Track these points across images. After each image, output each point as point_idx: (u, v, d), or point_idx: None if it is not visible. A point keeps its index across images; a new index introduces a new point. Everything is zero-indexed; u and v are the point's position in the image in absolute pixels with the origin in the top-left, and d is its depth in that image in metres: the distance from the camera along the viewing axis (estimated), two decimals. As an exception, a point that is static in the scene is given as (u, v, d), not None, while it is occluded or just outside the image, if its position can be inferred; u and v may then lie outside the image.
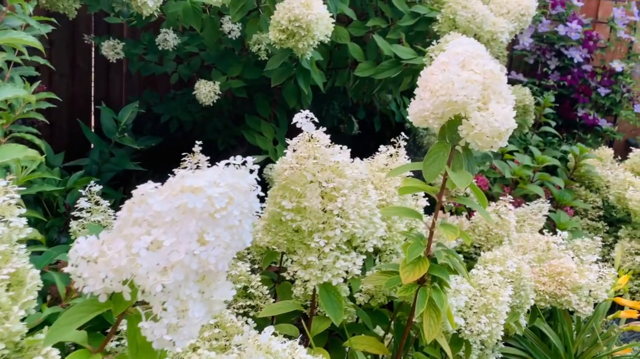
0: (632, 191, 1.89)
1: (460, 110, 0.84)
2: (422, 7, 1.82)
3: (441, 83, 0.84)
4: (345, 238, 0.77)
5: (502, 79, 0.87)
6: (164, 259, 0.49)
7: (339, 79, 1.91)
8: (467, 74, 0.85)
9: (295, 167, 0.74)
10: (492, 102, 0.85)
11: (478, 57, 0.87)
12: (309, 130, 0.76)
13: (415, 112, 0.87)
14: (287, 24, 1.45)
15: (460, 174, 0.83)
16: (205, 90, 1.77)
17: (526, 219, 1.80)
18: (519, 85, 2.45)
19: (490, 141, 0.83)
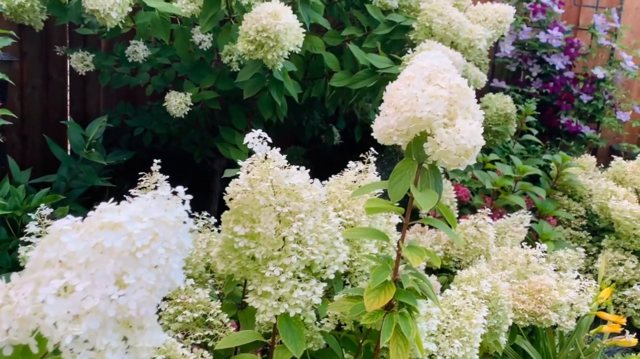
0: (615, 200, 1.86)
1: (425, 127, 0.80)
2: (398, 16, 1.78)
3: (405, 98, 0.80)
4: (303, 265, 0.72)
5: (469, 93, 0.83)
6: (75, 306, 0.43)
7: (315, 90, 1.87)
8: (432, 88, 0.80)
9: (248, 191, 0.69)
10: (459, 118, 0.80)
11: (444, 72, 0.83)
12: (261, 151, 0.71)
13: (379, 129, 0.82)
14: (255, 35, 1.40)
15: (426, 194, 0.79)
16: (176, 102, 1.71)
17: (507, 230, 1.76)
18: (500, 93, 2.43)
19: (457, 159, 0.78)
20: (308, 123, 2.60)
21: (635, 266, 1.82)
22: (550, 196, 2.14)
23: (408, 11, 1.85)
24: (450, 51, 1.57)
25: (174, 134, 2.33)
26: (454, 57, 1.56)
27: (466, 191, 2.03)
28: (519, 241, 1.76)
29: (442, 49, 1.57)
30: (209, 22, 1.57)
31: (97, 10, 1.36)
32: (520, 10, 2.82)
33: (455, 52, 1.57)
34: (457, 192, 2.01)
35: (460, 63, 1.57)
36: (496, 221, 1.81)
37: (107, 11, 1.36)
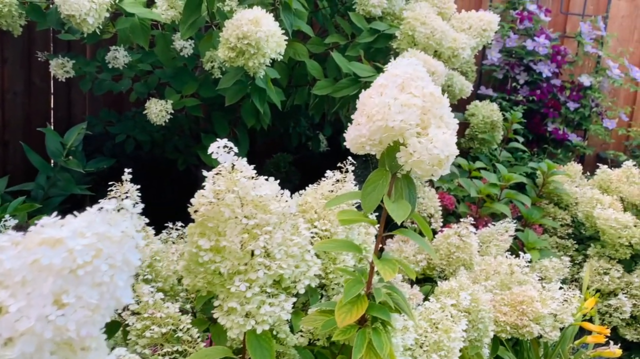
0: (600, 209, 1.85)
1: (398, 136, 0.78)
2: (381, 24, 1.77)
3: (377, 107, 0.78)
4: (271, 280, 0.69)
5: (443, 102, 0.81)
6: (8, 327, 0.41)
7: (298, 97, 1.85)
8: (405, 97, 0.78)
9: (213, 203, 0.67)
10: (432, 127, 0.78)
11: (418, 80, 0.81)
12: (226, 161, 0.69)
13: (351, 138, 0.81)
14: (235, 42, 1.38)
15: (400, 205, 0.77)
16: (156, 109, 1.69)
17: (492, 239, 1.75)
18: (487, 100, 2.42)
19: (430, 169, 0.76)
20: (294, 130, 2.58)
21: (621, 275, 1.81)
22: (537, 204, 2.13)
23: (392, 19, 1.84)
24: (433, 60, 1.56)
25: (158, 141, 2.30)
26: (436, 66, 1.55)
27: (452, 199, 2.01)
28: (503, 249, 1.74)
29: (424, 58, 1.56)
30: (189, 29, 1.55)
31: (72, 16, 1.34)
32: (507, 17, 2.83)
33: (438, 62, 1.56)
34: (443, 201, 1.99)
35: (443, 72, 1.56)
36: (481, 230, 1.80)
37: (83, 16, 1.34)
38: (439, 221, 1.77)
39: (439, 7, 1.84)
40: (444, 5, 1.84)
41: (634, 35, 2.96)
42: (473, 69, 2.78)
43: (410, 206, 0.77)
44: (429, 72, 1.55)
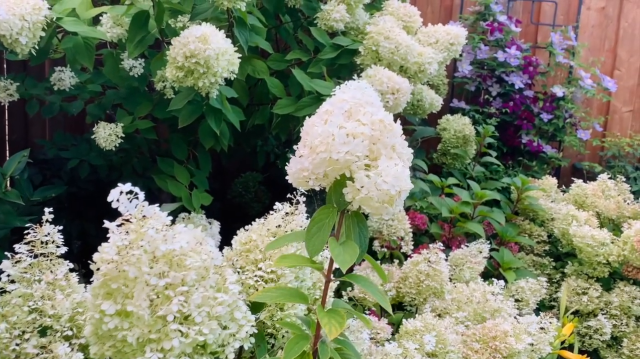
0: (576, 226, 1.78)
1: (344, 169, 0.69)
2: (344, 39, 1.69)
3: (321, 137, 0.69)
4: (190, 348, 0.59)
5: (395, 130, 0.72)
6: None
7: (259, 117, 1.75)
8: (351, 125, 0.69)
9: (116, 260, 0.57)
10: (382, 159, 0.69)
11: (367, 105, 0.72)
12: (129, 210, 0.59)
13: (293, 172, 0.71)
14: (183, 61, 1.28)
15: (347, 248, 0.67)
16: (105, 134, 1.58)
17: (466, 261, 1.67)
18: (458, 114, 2.36)
19: (380, 206, 0.67)
20: (262, 148, 2.48)
21: (600, 294, 1.74)
22: (512, 221, 2.06)
23: (356, 33, 1.76)
24: (397, 77, 1.48)
25: (116, 165, 2.19)
26: (401, 83, 1.47)
27: (424, 218, 1.93)
28: (477, 272, 1.66)
29: (388, 75, 1.48)
30: (137, 47, 1.45)
31: (3, 36, 1.23)
32: (478, 29, 2.78)
33: (402, 79, 1.48)
34: (414, 220, 1.91)
35: (408, 89, 1.48)
36: (454, 251, 1.72)
37: (15, 36, 1.23)
38: (409, 244, 1.69)
39: (405, 21, 1.77)
40: (410, 19, 1.77)
41: (605, 44, 2.94)
42: (445, 81, 2.72)
43: (357, 249, 0.68)
44: (393, 89, 1.48)
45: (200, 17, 1.47)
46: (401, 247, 1.67)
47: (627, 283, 1.77)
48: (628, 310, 1.71)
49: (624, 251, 1.71)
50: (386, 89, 1.47)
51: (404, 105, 1.51)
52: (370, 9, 1.91)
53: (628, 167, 2.77)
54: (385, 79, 1.47)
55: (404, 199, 0.70)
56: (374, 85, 1.48)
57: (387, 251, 1.68)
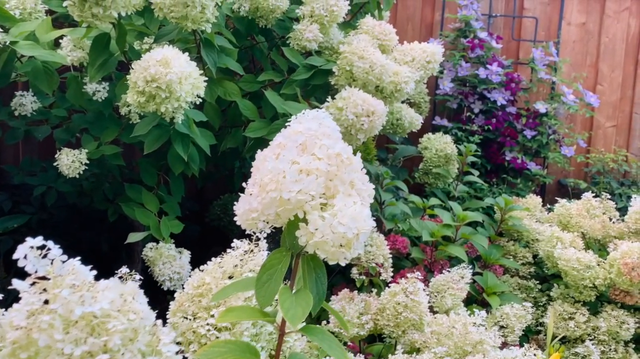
0: (560, 248, 1.73)
1: (296, 210, 0.62)
2: (318, 59, 1.64)
3: (271, 174, 0.63)
4: (115, 422, 0.52)
5: (353, 164, 0.66)
6: None
7: (231, 140, 1.69)
8: (305, 161, 0.63)
9: (25, 327, 0.50)
10: (339, 197, 0.63)
11: (324, 137, 0.66)
12: (39, 269, 0.51)
13: (241, 214, 0.65)
14: (144, 85, 1.22)
15: (299, 299, 0.61)
16: (68, 160, 1.50)
17: (448, 288, 1.60)
18: (439, 133, 2.31)
19: (336, 251, 0.61)
20: (240, 170, 2.42)
21: (587, 319, 1.68)
22: (496, 242, 2.00)
23: (330, 53, 1.71)
24: (372, 99, 1.43)
25: (86, 190, 2.10)
26: (376, 105, 1.42)
27: (405, 242, 1.87)
28: (460, 299, 1.59)
29: (363, 97, 1.43)
30: (99, 71, 1.39)
31: (-50, 62, 1.16)
32: (459, 46, 2.75)
33: (377, 100, 1.43)
34: (395, 244, 1.84)
35: (383, 111, 1.43)
36: (436, 277, 1.65)
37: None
38: (388, 271, 1.62)
39: (380, 39, 1.73)
40: (385, 37, 1.73)
41: (587, 60, 2.93)
42: (426, 99, 2.68)
43: (312, 299, 0.61)
44: (368, 112, 1.42)
45: (165, 39, 1.41)
46: (380, 274, 1.60)
47: (615, 307, 1.72)
48: (616, 335, 1.65)
49: (611, 274, 1.65)
50: (361, 112, 1.42)
51: (379, 127, 1.45)
52: (346, 28, 1.87)
53: (613, 183, 2.74)
54: (359, 101, 1.42)
55: (363, 241, 0.63)
56: (348, 108, 1.43)
57: (365, 279, 1.61)
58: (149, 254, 1.53)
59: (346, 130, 1.44)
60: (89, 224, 2.36)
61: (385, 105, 1.63)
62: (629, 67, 2.91)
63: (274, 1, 1.58)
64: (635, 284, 1.62)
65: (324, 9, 1.63)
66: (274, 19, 1.67)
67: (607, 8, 2.88)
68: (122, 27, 1.33)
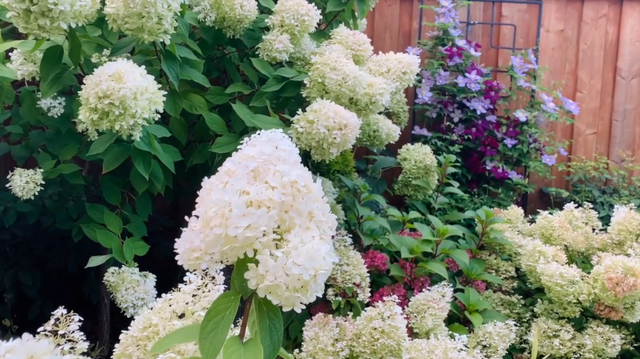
0: (543, 262, 1.67)
1: (245, 248, 0.54)
2: (289, 70, 1.56)
3: (216, 207, 0.55)
4: None
5: (313, 193, 0.58)
6: None
7: (197, 156, 1.60)
8: (256, 190, 0.55)
9: None
10: (294, 231, 0.55)
11: (279, 163, 0.58)
12: None
13: (183, 252, 0.56)
14: (96, 102, 1.13)
15: (249, 353, 0.52)
16: (21, 181, 1.40)
17: (428, 307, 1.53)
18: (418, 143, 2.25)
19: (290, 296, 0.53)
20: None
21: (572, 336, 1.63)
22: (477, 256, 1.94)
23: (302, 64, 1.64)
24: (344, 112, 1.35)
25: (49, 209, 2.00)
26: (348, 118, 1.35)
27: (384, 258, 1.79)
28: (441, 318, 1.53)
29: (335, 109, 1.35)
30: (52, 85, 1.30)
31: None
32: (437, 54, 2.70)
33: (350, 113, 1.36)
34: (374, 260, 1.77)
35: (356, 125, 1.35)
36: (416, 296, 1.58)
37: None
38: (366, 291, 1.55)
39: (354, 49, 1.66)
40: (360, 47, 1.66)
41: (566, 67, 2.90)
42: (405, 109, 2.63)
43: (264, 352, 0.53)
44: (340, 125, 1.35)
45: (122, 51, 1.33)
46: (357, 295, 1.52)
47: (600, 322, 1.66)
48: (602, 352, 1.60)
49: (595, 289, 1.60)
50: (333, 125, 1.35)
51: (352, 141, 1.38)
52: (319, 37, 1.80)
53: (595, 192, 2.71)
54: (331, 114, 1.35)
55: (323, 281, 0.56)
56: (319, 121, 1.36)
57: (342, 300, 1.53)
58: (110, 280, 1.43)
59: (318, 144, 1.37)
60: (55, 244, 2.25)
61: (359, 118, 1.56)
62: (608, 74, 2.90)
63: (241, 10, 1.50)
64: (620, 299, 1.56)
65: (294, 19, 1.56)
66: (242, 29, 1.59)
67: (584, 15, 2.87)
68: (75, 39, 1.24)
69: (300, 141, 1.38)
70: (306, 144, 1.38)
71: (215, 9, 1.54)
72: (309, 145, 1.38)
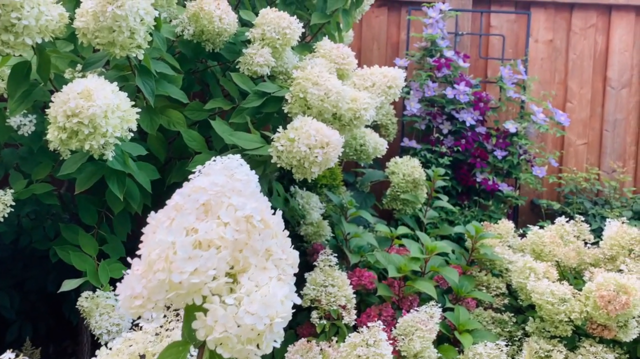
0: (534, 280, 1.62)
1: (192, 295, 0.49)
2: (271, 85, 1.52)
3: (160, 248, 0.50)
4: None
5: (271, 228, 0.53)
6: None
7: (175, 174, 1.55)
8: (205, 228, 0.50)
9: None
10: (248, 273, 0.50)
11: (234, 194, 0.53)
12: None
13: (124, 300, 0.51)
14: (64, 121, 1.08)
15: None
16: (-11, 203, 1.35)
17: (416, 329, 1.48)
18: (407, 156, 2.20)
19: (243, 349, 0.48)
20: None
21: (564, 357, 1.57)
22: (467, 273, 1.89)
23: (285, 78, 1.60)
24: (326, 129, 1.31)
25: (26, 228, 1.94)
26: (330, 136, 1.30)
27: (371, 276, 1.74)
28: (430, 341, 1.47)
29: (316, 126, 1.31)
30: (21, 103, 1.24)
31: None
32: (425, 65, 2.67)
33: (332, 131, 1.31)
34: (361, 279, 1.72)
35: (338, 142, 1.31)
36: (404, 317, 1.53)
37: None
38: (352, 313, 1.49)
39: (338, 63, 1.62)
40: (344, 60, 1.62)
41: (555, 77, 2.88)
42: (394, 121, 2.59)
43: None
44: (322, 143, 1.30)
45: (94, 66, 1.28)
46: (342, 318, 1.47)
47: (593, 341, 1.61)
48: (596, 373, 1.55)
49: (587, 306, 1.55)
50: (314, 143, 1.30)
51: (335, 159, 1.34)
52: (303, 51, 1.76)
53: (586, 203, 2.67)
54: (313, 132, 1.30)
55: (281, 329, 0.50)
56: (300, 139, 1.31)
57: (327, 323, 1.48)
58: (84, 305, 1.37)
59: (299, 163, 1.32)
60: (34, 263, 2.19)
61: (344, 133, 1.52)
62: (598, 84, 2.87)
63: (219, 24, 1.46)
64: (612, 318, 1.52)
65: (275, 32, 1.52)
66: (221, 42, 1.55)
67: (573, 25, 2.85)
68: (44, 54, 1.19)
69: (280, 159, 1.33)
70: (287, 163, 1.33)
71: (194, 22, 1.49)
72: (289, 164, 1.33)
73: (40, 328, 2.31)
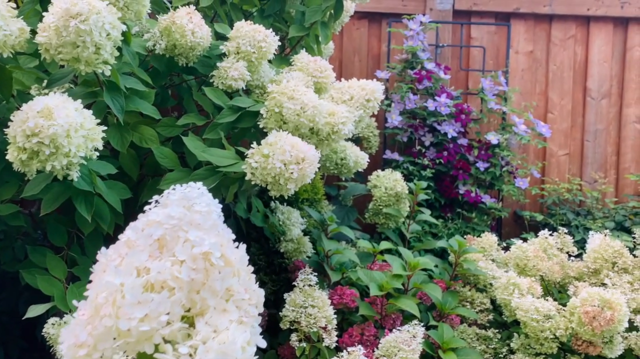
0: (517, 296, 1.59)
1: (143, 343, 0.44)
2: (246, 99, 1.48)
3: (107, 291, 0.45)
4: None
5: (232, 265, 0.49)
6: None
7: (147, 192, 1.49)
8: (158, 267, 0.46)
9: None
10: (206, 317, 0.46)
11: (192, 228, 0.49)
12: None
13: (67, 348, 0.46)
14: (24, 140, 1.02)
15: None
16: (-51, 226, 1.28)
17: (399, 350, 1.43)
18: (389, 170, 2.17)
19: (197, 403, 0.43)
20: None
21: (551, 375, 1.54)
22: (451, 288, 1.86)
23: (261, 92, 1.56)
24: (302, 144, 1.27)
25: (-7, 250, 1.85)
26: (306, 151, 1.26)
27: (353, 294, 1.70)
28: (413, 362, 1.43)
29: (292, 142, 1.27)
30: (-19, 121, 1.18)
31: None
32: (406, 77, 2.65)
33: (309, 146, 1.27)
34: (343, 298, 1.67)
35: (314, 158, 1.27)
36: (386, 337, 1.48)
37: None
38: (332, 335, 1.44)
39: (316, 76, 1.59)
40: (321, 74, 1.59)
41: (536, 88, 2.88)
42: (375, 133, 2.56)
43: None
44: (297, 159, 1.26)
45: (61, 82, 1.23)
46: (322, 340, 1.42)
47: (579, 358, 1.58)
48: (582, 391, 1.52)
49: (572, 323, 1.52)
50: (289, 159, 1.26)
51: (311, 175, 1.29)
52: (280, 64, 1.73)
53: (569, 214, 2.66)
54: (288, 147, 1.26)
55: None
56: (275, 155, 1.26)
57: (307, 346, 1.42)
58: (50, 332, 1.30)
59: (274, 180, 1.28)
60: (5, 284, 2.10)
61: (322, 148, 1.48)
62: (578, 94, 2.88)
63: (192, 38, 1.42)
64: (598, 334, 1.49)
65: (250, 45, 1.48)
66: (195, 56, 1.50)
67: (552, 36, 2.86)
68: (4, 70, 1.13)
69: (255, 176, 1.28)
70: (262, 180, 1.28)
71: (166, 36, 1.45)
72: (264, 181, 1.28)
73: (12, 351, 2.22)
